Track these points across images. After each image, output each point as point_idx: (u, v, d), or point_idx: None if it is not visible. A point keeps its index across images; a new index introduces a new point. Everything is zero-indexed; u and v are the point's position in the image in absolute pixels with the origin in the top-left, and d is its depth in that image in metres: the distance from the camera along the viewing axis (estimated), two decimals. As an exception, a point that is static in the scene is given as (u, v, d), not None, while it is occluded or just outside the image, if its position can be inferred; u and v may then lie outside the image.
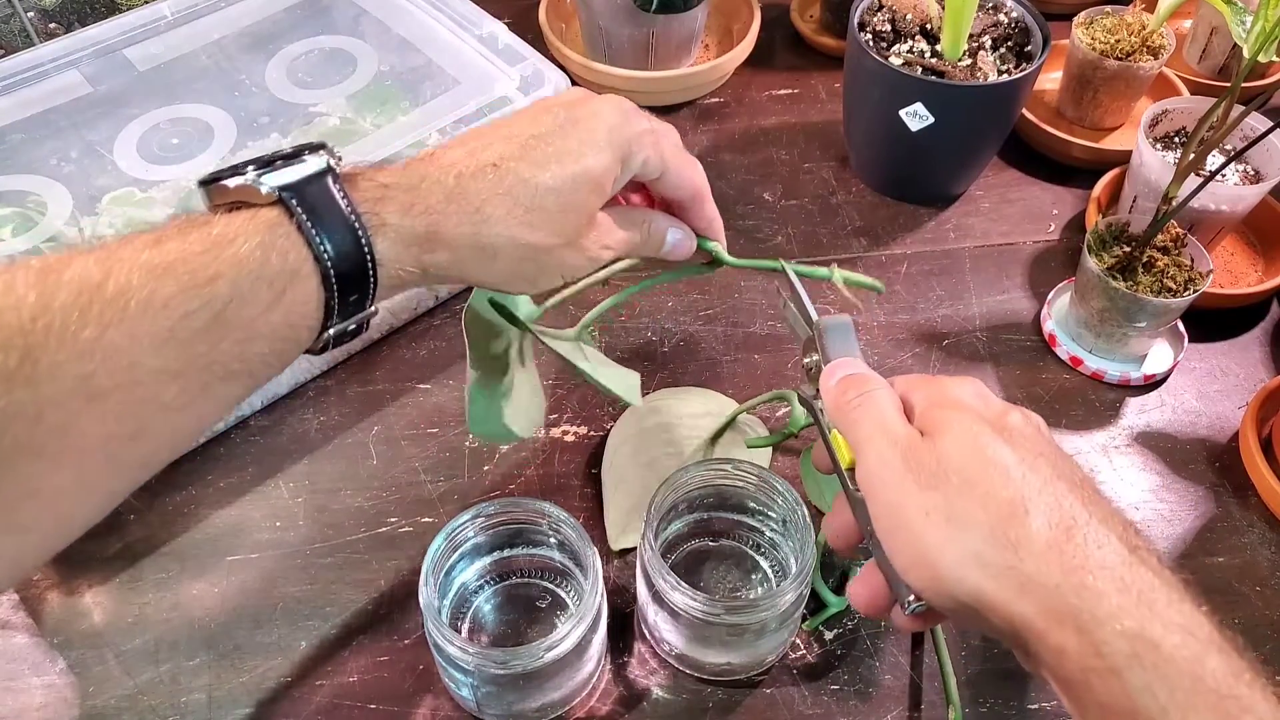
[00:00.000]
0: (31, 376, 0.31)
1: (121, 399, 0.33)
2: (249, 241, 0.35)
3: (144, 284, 0.33)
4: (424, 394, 0.70)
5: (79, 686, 0.56)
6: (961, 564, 0.36)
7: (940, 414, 0.40)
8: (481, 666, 0.49)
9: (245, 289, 0.35)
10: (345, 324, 0.40)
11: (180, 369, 0.34)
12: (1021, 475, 0.37)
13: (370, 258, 0.38)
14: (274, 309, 0.36)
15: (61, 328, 0.31)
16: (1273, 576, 0.61)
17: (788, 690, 0.56)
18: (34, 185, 0.66)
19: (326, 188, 0.38)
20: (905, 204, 0.83)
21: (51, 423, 0.31)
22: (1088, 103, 0.86)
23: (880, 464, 0.39)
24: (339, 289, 0.38)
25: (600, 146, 0.43)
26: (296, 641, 0.58)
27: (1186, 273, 0.67)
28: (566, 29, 0.96)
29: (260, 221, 0.36)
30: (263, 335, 0.36)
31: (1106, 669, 0.33)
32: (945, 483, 0.37)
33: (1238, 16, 0.61)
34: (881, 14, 0.79)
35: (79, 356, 0.31)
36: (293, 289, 0.36)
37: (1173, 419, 0.69)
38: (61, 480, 0.32)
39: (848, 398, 0.43)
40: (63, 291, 0.32)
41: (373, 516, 0.63)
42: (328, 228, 0.37)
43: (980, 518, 0.36)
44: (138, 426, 0.34)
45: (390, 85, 0.75)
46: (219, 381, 0.36)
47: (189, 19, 0.77)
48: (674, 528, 0.59)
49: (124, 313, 0.32)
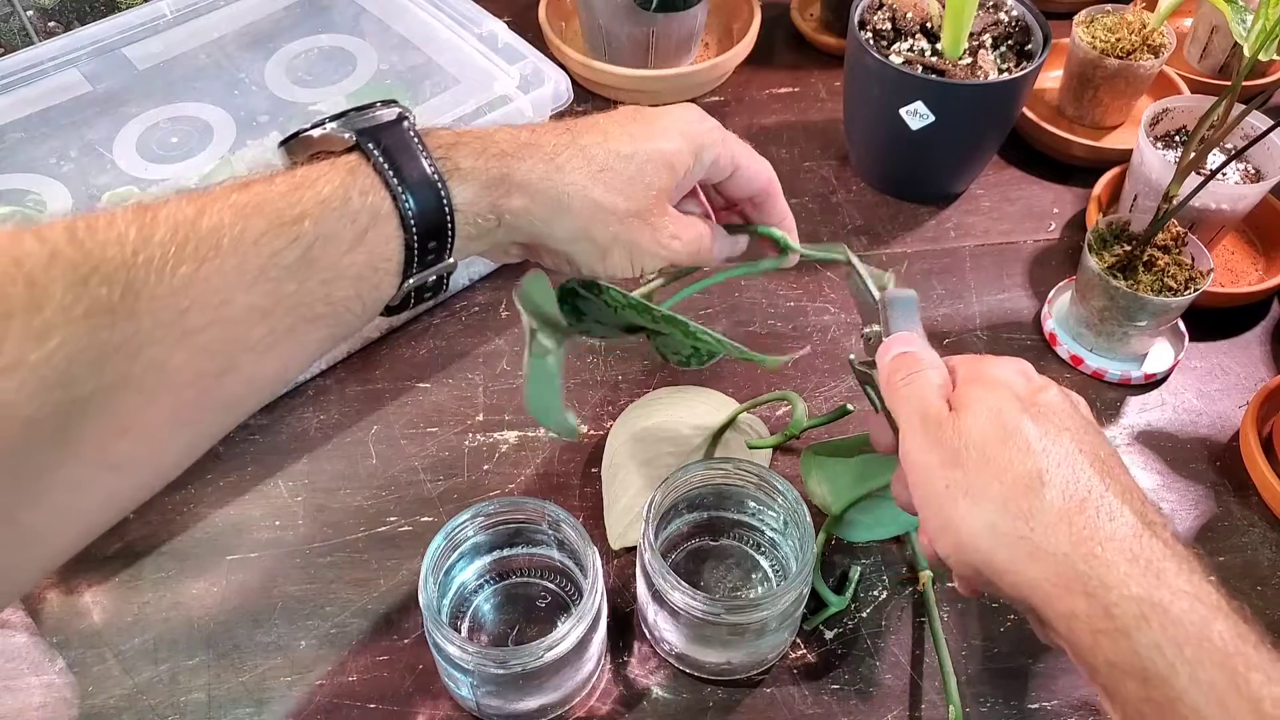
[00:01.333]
0: (133, 310, 0.31)
1: (213, 336, 0.33)
2: (330, 183, 0.36)
3: (235, 222, 0.34)
4: (423, 393, 0.69)
5: (78, 686, 0.56)
6: (977, 534, 0.38)
7: (970, 390, 0.42)
8: (481, 666, 0.49)
9: (330, 227, 0.36)
10: (425, 275, 0.40)
11: (269, 307, 0.35)
12: (1042, 449, 0.39)
13: (446, 200, 0.39)
14: (357, 248, 0.37)
15: (160, 262, 0.32)
16: (1273, 576, 0.61)
17: (788, 690, 0.56)
18: (33, 184, 0.66)
19: (402, 132, 0.39)
20: (905, 202, 0.83)
21: (149, 357, 0.32)
22: (1088, 101, 0.86)
23: (912, 442, 0.42)
24: (418, 232, 0.38)
25: (674, 134, 0.45)
26: (296, 641, 0.58)
27: (1187, 271, 0.67)
28: (566, 28, 0.96)
29: (340, 165, 0.37)
30: (347, 276, 0.37)
31: (1116, 630, 0.35)
32: (965, 458, 0.40)
33: (1238, 15, 0.61)
34: (882, 12, 0.79)
35: (175, 291, 0.32)
36: (374, 229, 0.37)
37: (1173, 418, 0.69)
38: (154, 416, 0.33)
39: (897, 378, 0.45)
40: (160, 228, 0.32)
41: (372, 516, 0.63)
42: (404, 169, 0.38)
43: (995, 490, 0.38)
44: (227, 364, 0.34)
45: (390, 84, 0.74)
46: (305, 324, 0.36)
47: (188, 17, 0.76)
48: (674, 527, 0.59)
49: (217, 249, 0.33)
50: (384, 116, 0.39)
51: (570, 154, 0.42)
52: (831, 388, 0.70)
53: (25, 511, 0.31)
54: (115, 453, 0.32)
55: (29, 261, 0.30)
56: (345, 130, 0.38)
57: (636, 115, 0.46)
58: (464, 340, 0.72)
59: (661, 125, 0.45)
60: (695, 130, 0.46)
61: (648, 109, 0.46)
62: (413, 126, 0.39)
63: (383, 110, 0.40)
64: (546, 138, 0.42)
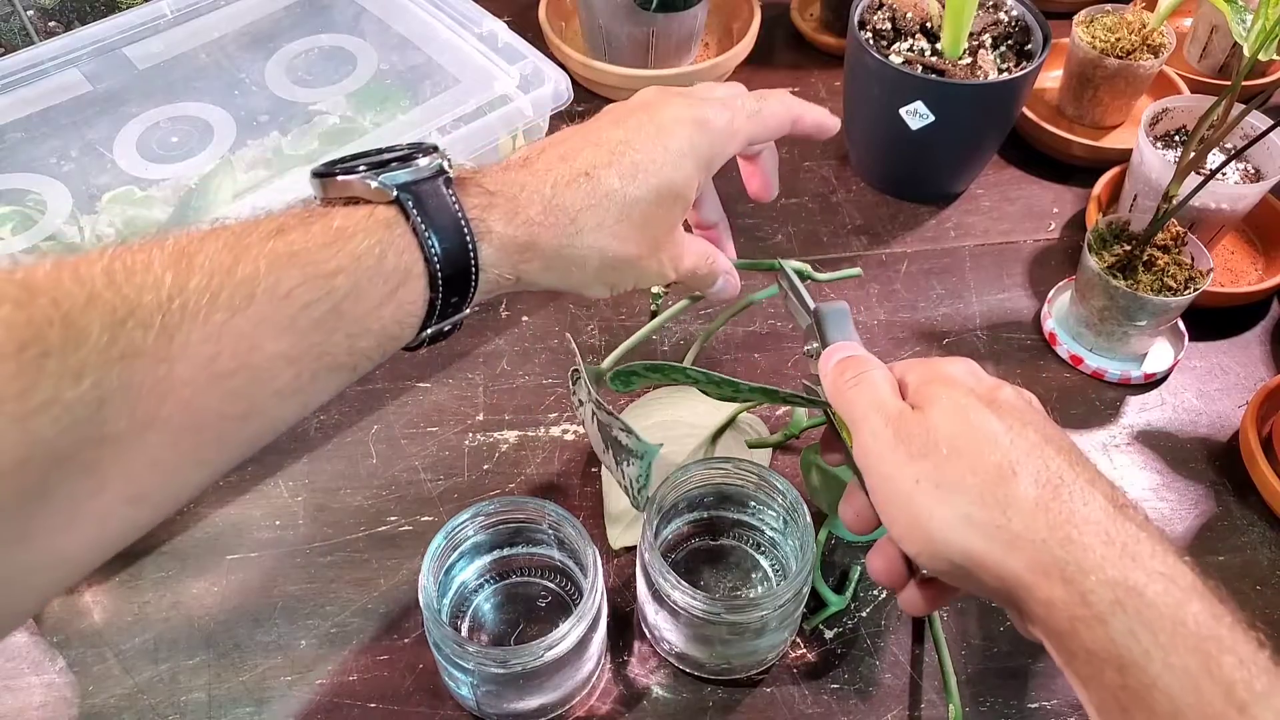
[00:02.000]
0: (167, 354, 0.32)
1: (241, 381, 0.34)
2: (369, 239, 0.37)
3: (270, 272, 0.34)
4: (424, 393, 0.70)
5: (78, 685, 0.56)
6: (952, 526, 0.38)
7: (930, 389, 0.42)
8: (481, 665, 0.49)
9: (363, 284, 0.37)
10: (442, 325, 0.41)
11: (296, 356, 0.35)
12: (1010, 441, 0.39)
13: (475, 263, 0.40)
14: (386, 305, 0.38)
15: (195, 309, 0.33)
16: (1273, 575, 0.61)
17: (788, 689, 0.56)
18: (33, 184, 0.66)
19: (440, 191, 0.39)
20: (905, 202, 0.83)
21: (179, 399, 0.33)
22: (1088, 101, 0.86)
23: (873, 438, 0.41)
24: (444, 290, 0.39)
25: (682, 157, 0.45)
26: (296, 640, 0.58)
27: (1187, 271, 0.67)
28: (566, 27, 0.96)
29: (378, 219, 0.38)
30: (372, 330, 0.38)
31: (1092, 616, 0.35)
32: (934, 451, 0.39)
33: (1238, 15, 0.61)
34: (882, 12, 0.79)
35: (208, 338, 0.33)
36: (405, 287, 0.38)
37: (1173, 418, 0.69)
38: (179, 454, 0.34)
39: (845, 378, 0.44)
40: (196, 275, 0.33)
41: (372, 515, 0.63)
42: (440, 231, 0.39)
43: (969, 481, 0.38)
44: (250, 408, 0.35)
45: (390, 84, 0.74)
46: (327, 371, 0.37)
47: (188, 17, 0.76)
48: (674, 527, 0.59)
49: (251, 299, 0.34)
50: (424, 169, 0.40)
51: (589, 214, 0.43)
52: (831, 387, 0.70)
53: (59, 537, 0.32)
54: (141, 487, 0.33)
55: (67, 303, 0.30)
56: (386, 183, 0.38)
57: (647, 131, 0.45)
58: (464, 340, 0.72)
59: (671, 142, 0.45)
60: (704, 141, 0.46)
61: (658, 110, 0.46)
62: (450, 182, 0.40)
63: (423, 160, 0.40)
64: (568, 196, 0.43)
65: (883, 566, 0.43)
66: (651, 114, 0.46)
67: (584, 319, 0.73)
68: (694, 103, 0.47)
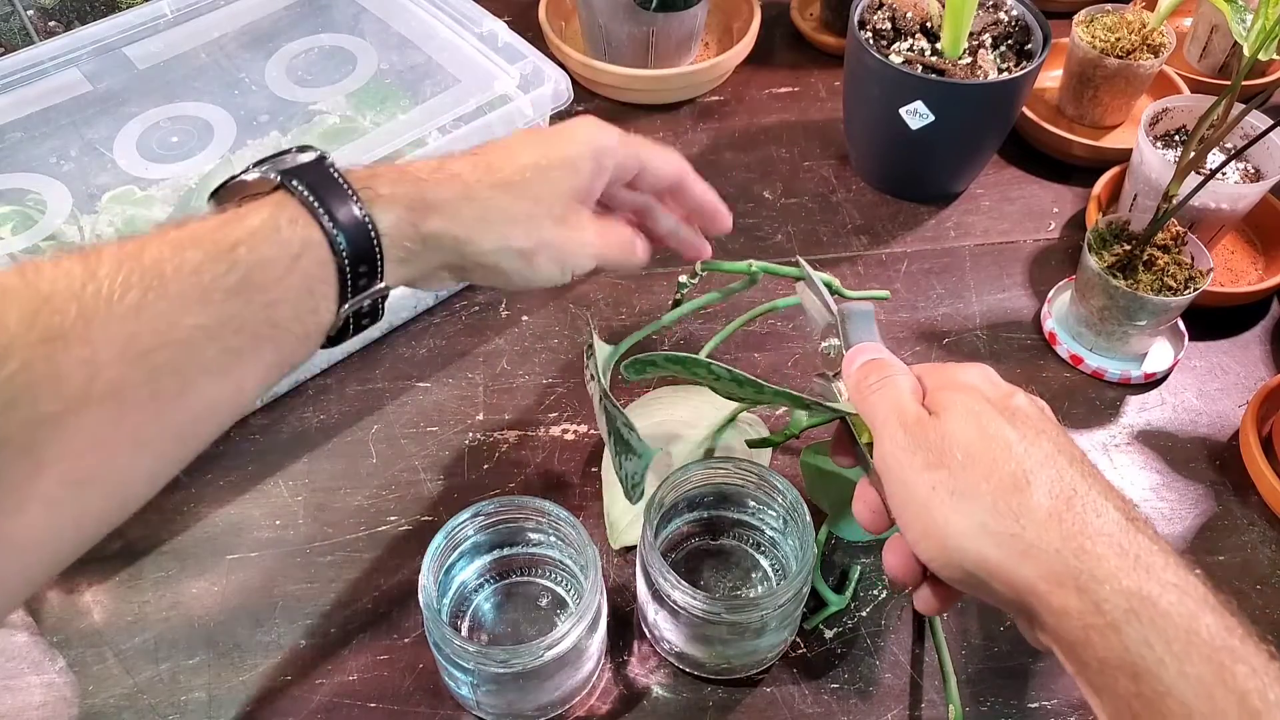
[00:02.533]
0: (86, 335, 0.33)
1: (167, 357, 0.35)
2: (259, 215, 0.39)
3: (174, 254, 0.36)
4: (423, 392, 0.70)
5: (78, 685, 0.56)
6: (967, 534, 0.38)
7: (946, 395, 0.42)
8: (481, 665, 0.49)
9: (264, 253, 0.38)
10: (360, 300, 0.42)
11: (216, 328, 0.37)
12: (1024, 450, 0.39)
13: (370, 225, 0.41)
14: (292, 272, 0.39)
15: (109, 291, 0.34)
16: (1273, 575, 0.61)
17: (788, 689, 0.56)
18: (33, 183, 0.66)
19: (324, 168, 0.41)
20: (905, 202, 0.83)
21: (107, 378, 0.34)
22: (1088, 101, 0.86)
23: (892, 444, 0.42)
24: (348, 257, 0.40)
25: (574, 141, 0.48)
26: (296, 640, 0.58)
27: (1187, 271, 0.67)
28: (566, 27, 0.96)
29: (267, 201, 0.40)
30: (287, 299, 0.39)
31: (1106, 625, 0.35)
32: (950, 459, 0.39)
33: (1238, 15, 0.61)
34: (882, 12, 0.79)
35: (124, 317, 0.34)
36: (307, 254, 0.39)
37: (1173, 417, 0.69)
38: (118, 434, 0.35)
39: (869, 382, 0.45)
40: (105, 264, 0.35)
41: (372, 515, 0.63)
42: (328, 199, 0.40)
43: (983, 490, 0.38)
44: (182, 385, 0.36)
45: (390, 83, 0.74)
46: (252, 344, 0.38)
47: (188, 17, 0.76)
48: (674, 526, 0.59)
49: (160, 277, 0.35)
50: (303, 159, 0.42)
51: (479, 173, 0.45)
52: (831, 387, 0.70)
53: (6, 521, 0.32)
54: (83, 469, 0.34)
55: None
56: (269, 173, 0.41)
57: (537, 131, 0.49)
58: (464, 339, 0.72)
59: (562, 136, 0.48)
60: (593, 136, 0.48)
61: (547, 127, 0.50)
62: (333, 164, 0.42)
63: (301, 155, 0.42)
64: (457, 163, 0.46)
65: (898, 564, 0.44)
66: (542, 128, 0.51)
67: (584, 319, 0.73)
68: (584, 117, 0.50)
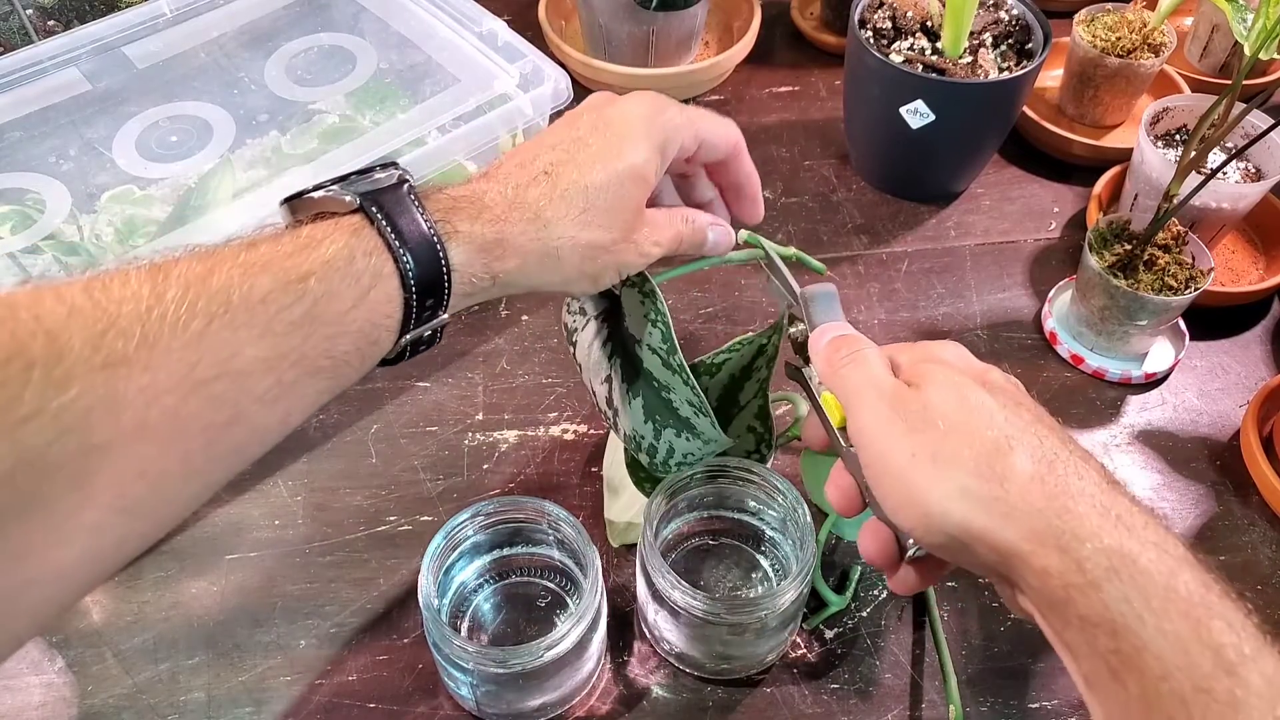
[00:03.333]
0: (149, 362, 0.33)
1: (223, 387, 0.35)
2: (335, 243, 0.38)
3: (243, 280, 0.35)
4: (423, 392, 0.69)
5: (78, 685, 0.56)
6: (949, 497, 0.38)
7: (925, 367, 0.43)
8: (481, 665, 0.48)
9: (334, 286, 0.37)
10: (421, 330, 0.41)
11: (275, 360, 0.36)
12: (1004, 418, 0.40)
13: (445, 262, 0.40)
14: (359, 306, 0.38)
15: (174, 318, 0.34)
16: (1274, 575, 0.61)
17: (788, 689, 0.56)
18: (33, 183, 0.66)
19: (402, 196, 0.40)
20: (906, 201, 0.83)
21: (163, 406, 0.33)
22: (1089, 100, 0.85)
23: (870, 414, 0.42)
24: (417, 291, 0.40)
25: (638, 139, 0.46)
26: (296, 640, 0.58)
27: (1187, 271, 0.67)
28: (566, 26, 0.96)
29: (344, 226, 0.39)
30: (349, 332, 0.38)
31: (1087, 583, 0.35)
32: (931, 426, 0.40)
33: (1239, 14, 0.61)
34: (882, 11, 0.79)
35: (187, 345, 0.34)
36: (376, 288, 0.39)
37: (1174, 417, 0.69)
38: (167, 463, 0.34)
39: (839, 356, 0.45)
40: (173, 286, 0.34)
41: (372, 515, 0.63)
42: (405, 232, 0.39)
43: (966, 455, 0.38)
44: (234, 414, 0.36)
45: (389, 83, 0.74)
46: (308, 376, 0.38)
47: (188, 16, 0.76)
48: (674, 526, 0.59)
49: (227, 305, 0.35)
50: (384, 180, 0.41)
51: (553, 207, 0.44)
52: (831, 387, 0.70)
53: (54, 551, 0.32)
54: (131, 498, 0.34)
55: (49, 318, 0.32)
56: (347, 193, 0.40)
57: (599, 127, 0.46)
58: (464, 339, 0.72)
59: (625, 128, 0.46)
60: (657, 125, 0.47)
61: (607, 107, 0.47)
62: (412, 189, 0.41)
63: (382, 174, 0.41)
64: (531, 193, 0.44)
65: (875, 547, 0.44)
66: (600, 111, 0.47)
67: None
68: (642, 95, 0.49)
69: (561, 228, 0.44)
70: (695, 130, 0.48)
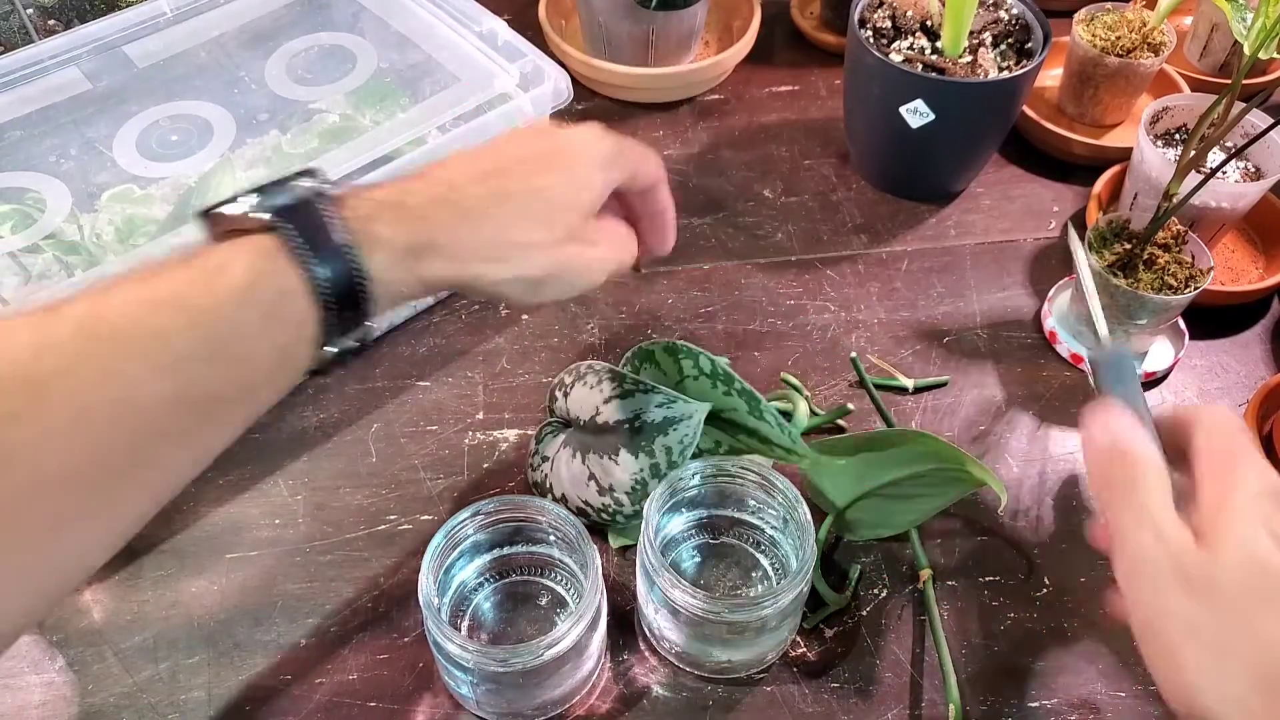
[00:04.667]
0: (38, 412, 0.32)
1: (125, 429, 0.34)
2: (240, 265, 0.36)
3: (142, 317, 0.34)
4: (423, 391, 0.69)
5: (78, 684, 0.56)
6: (1222, 701, 0.35)
7: (1223, 519, 0.37)
8: (481, 664, 0.49)
9: (237, 315, 0.36)
10: (346, 341, 0.40)
11: (180, 395, 0.35)
12: None
13: (362, 274, 0.39)
14: (268, 332, 0.37)
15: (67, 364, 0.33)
16: (1273, 574, 0.61)
17: (788, 688, 0.56)
18: (33, 182, 0.66)
19: (315, 209, 0.39)
20: (906, 201, 0.83)
21: (63, 452, 0.32)
22: (1088, 100, 0.85)
23: (1144, 562, 0.38)
24: (334, 307, 0.38)
25: (584, 158, 0.46)
26: (296, 639, 0.58)
27: (1187, 270, 0.67)
28: (566, 25, 0.96)
29: (251, 246, 0.37)
30: (259, 358, 0.37)
31: None
32: (1216, 605, 0.36)
33: (1238, 13, 0.61)
34: (882, 10, 0.79)
35: (82, 389, 0.33)
36: (286, 310, 0.37)
37: (1173, 416, 0.69)
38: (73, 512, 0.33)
39: (1113, 473, 0.41)
40: (65, 327, 0.33)
41: (372, 514, 0.63)
42: (318, 247, 0.38)
43: (1250, 659, 0.35)
44: (141, 455, 0.35)
45: (390, 82, 0.74)
46: (220, 407, 0.37)
47: (188, 16, 0.76)
48: (674, 525, 0.59)
49: (123, 346, 0.34)
50: (299, 192, 0.39)
51: (490, 204, 0.43)
52: (832, 386, 0.70)
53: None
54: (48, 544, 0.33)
55: None
56: (260, 210, 0.38)
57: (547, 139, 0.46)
58: (464, 338, 0.72)
59: (573, 149, 0.46)
60: (604, 148, 0.47)
61: (551, 132, 0.48)
62: (328, 201, 0.39)
63: (300, 184, 0.40)
64: (467, 192, 0.43)
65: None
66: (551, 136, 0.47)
67: (583, 318, 0.73)
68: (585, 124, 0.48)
69: (497, 223, 0.43)
70: (631, 158, 0.49)
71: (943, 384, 0.70)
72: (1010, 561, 0.61)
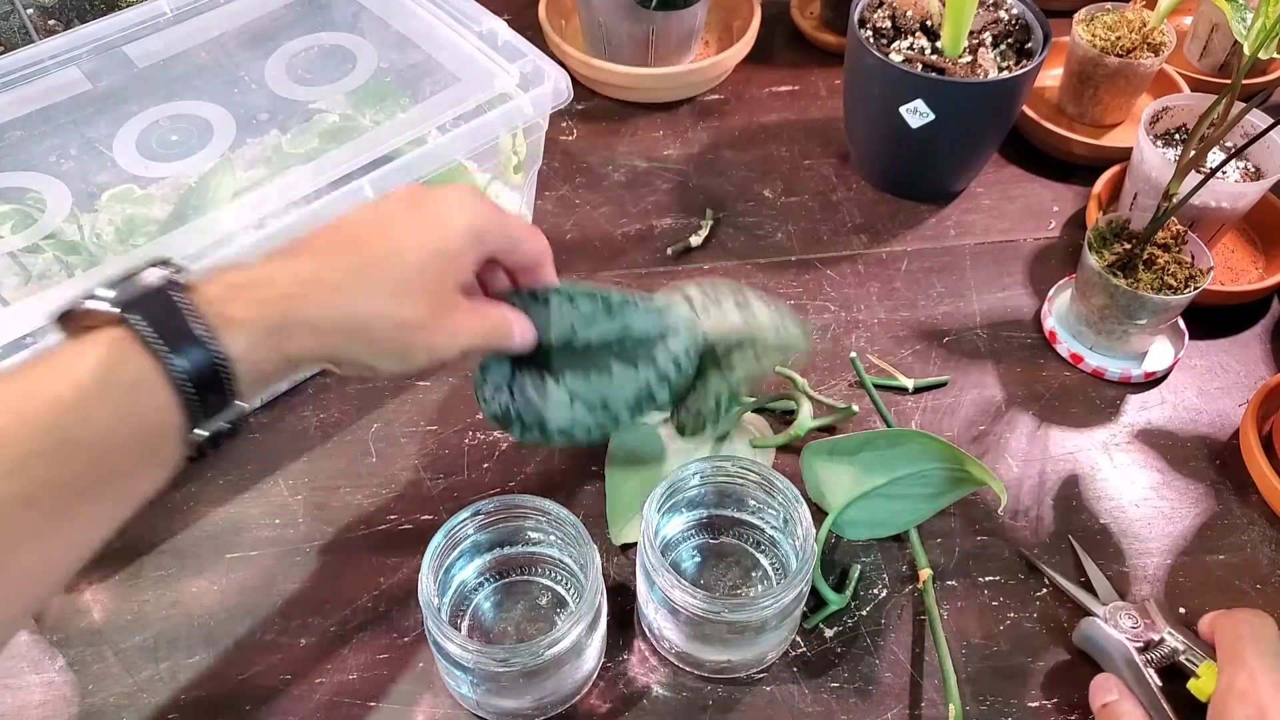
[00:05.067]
0: None
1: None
2: (90, 361, 0.36)
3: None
4: (424, 391, 0.69)
5: (78, 684, 0.56)
6: None
7: None
8: (481, 664, 0.49)
9: (88, 410, 0.35)
10: (216, 423, 0.40)
11: (33, 495, 0.34)
12: None
13: (224, 357, 0.39)
14: (126, 423, 0.37)
15: None
16: (1273, 574, 0.61)
17: (788, 688, 0.56)
18: (33, 182, 0.66)
19: (167, 297, 0.38)
20: (906, 201, 0.83)
21: None
22: (1088, 99, 0.86)
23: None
24: (194, 393, 0.38)
25: (456, 230, 0.46)
26: (296, 639, 0.58)
27: (1187, 270, 0.67)
28: (566, 25, 0.96)
29: (102, 340, 0.37)
30: (119, 450, 0.37)
31: None
32: None
33: (1238, 13, 0.61)
34: (882, 10, 0.79)
35: None
36: (143, 401, 0.37)
37: (1173, 416, 0.69)
38: None
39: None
40: None
41: (372, 514, 0.63)
42: (171, 336, 0.37)
43: None
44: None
45: (389, 82, 0.74)
46: (82, 502, 0.36)
47: (188, 16, 0.76)
48: (674, 525, 0.59)
49: None
50: (150, 281, 0.39)
51: (360, 281, 0.43)
52: (832, 385, 0.70)
53: None
54: None
55: None
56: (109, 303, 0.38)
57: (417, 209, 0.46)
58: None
59: (443, 220, 0.46)
60: (474, 219, 0.47)
61: (423, 196, 0.47)
62: (179, 287, 0.39)
63: (149, 272, 0.39)
64: (334, 267, 0.43)
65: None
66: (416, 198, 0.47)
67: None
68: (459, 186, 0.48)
69: (370, 301, 0.43)
70: (509, 233, 0.48)
71: (943, 384, 0.70)
72: (1010, 561, 0.61)
